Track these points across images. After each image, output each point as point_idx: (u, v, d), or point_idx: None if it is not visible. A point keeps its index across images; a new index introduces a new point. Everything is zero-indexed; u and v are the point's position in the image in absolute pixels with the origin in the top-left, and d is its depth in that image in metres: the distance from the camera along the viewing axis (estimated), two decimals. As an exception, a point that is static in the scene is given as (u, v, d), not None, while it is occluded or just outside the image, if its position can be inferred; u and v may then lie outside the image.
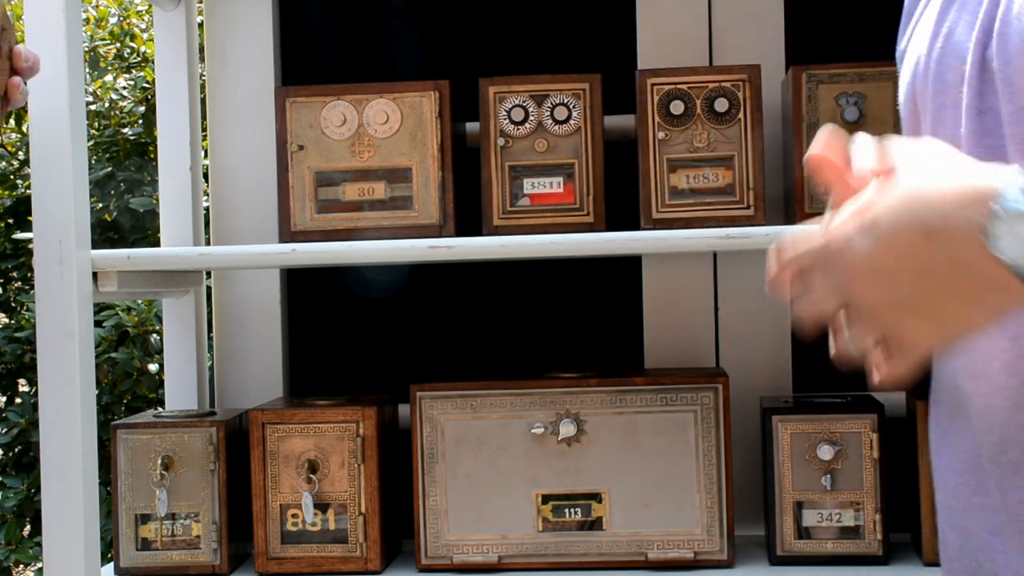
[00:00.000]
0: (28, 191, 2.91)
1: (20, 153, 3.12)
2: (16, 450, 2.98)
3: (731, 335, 1.87)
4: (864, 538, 1.66)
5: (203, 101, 2.01)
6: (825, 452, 1.65)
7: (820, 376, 1.88)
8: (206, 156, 2.03)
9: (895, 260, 0.78)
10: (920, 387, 0.94)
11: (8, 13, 1.32)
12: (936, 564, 1.63)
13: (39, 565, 2.95)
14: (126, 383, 2.83)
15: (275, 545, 1.70)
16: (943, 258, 0.77)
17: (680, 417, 1.68)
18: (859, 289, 0.81)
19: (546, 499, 1.69)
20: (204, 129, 2.01)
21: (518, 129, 1.72)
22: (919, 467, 1.65)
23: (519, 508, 1.69)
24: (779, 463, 1.67)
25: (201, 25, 2.06)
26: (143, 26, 3.20)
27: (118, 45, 3.16)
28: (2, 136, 3.08)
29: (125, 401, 2.86)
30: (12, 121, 3.04)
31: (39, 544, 2.24)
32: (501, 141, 1.71)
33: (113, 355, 2.81)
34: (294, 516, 1.70)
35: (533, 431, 1.68)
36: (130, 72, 3.12)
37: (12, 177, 3.11)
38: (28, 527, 2.91)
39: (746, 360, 1.87)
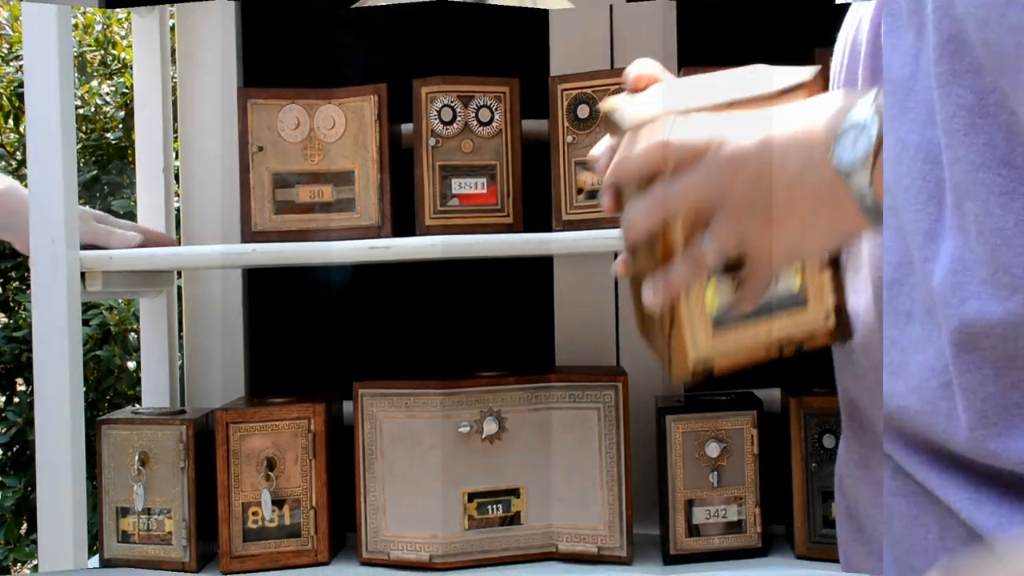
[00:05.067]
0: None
1: (18, 153, 3.14)
2: (14, 449, 3.00)
3: (631, 335, 1.85)
4: (745, 532, 1.65)
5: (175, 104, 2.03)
6: (713, 449, 1.64)
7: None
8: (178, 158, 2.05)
9: (745, 165, 0.80)
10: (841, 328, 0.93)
11: None
12: (807, 557, 1.64)
13: (35, 562, 2.99)
14: (108, 380, 2.83)
15: (237, 544, 1.69)
16: (794, 165, 0.78)
17: (585, 414, 1.67)
18: (704, 189, 0.81)
19: (472, 497, 1.69)
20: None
21: (447, 129, 1.72)
22: (791, 461, 1.66)
23: (449, 507, 1.68)
24: (672, 462, 1.66)
25: (173, 29, 2.08)
26: (123, 33, 3.22)
27: (102, 52, 3.18)
28: (1, 136, 3.12)
29: (108, 397, 2.87)
30: (11, 121, 3.08)
31: (35, 541, 2.28)
32: (432, 141, 1.71)
33: (98, 353, 2.84)
34: (255, 514, 1.69)
35: (460, 430, 1.68)
36: (112, 78, 3.14)
37: (10, 177, 3.13)
38: (25, 525, 2.91)
39: (644, 360, 1.84)
